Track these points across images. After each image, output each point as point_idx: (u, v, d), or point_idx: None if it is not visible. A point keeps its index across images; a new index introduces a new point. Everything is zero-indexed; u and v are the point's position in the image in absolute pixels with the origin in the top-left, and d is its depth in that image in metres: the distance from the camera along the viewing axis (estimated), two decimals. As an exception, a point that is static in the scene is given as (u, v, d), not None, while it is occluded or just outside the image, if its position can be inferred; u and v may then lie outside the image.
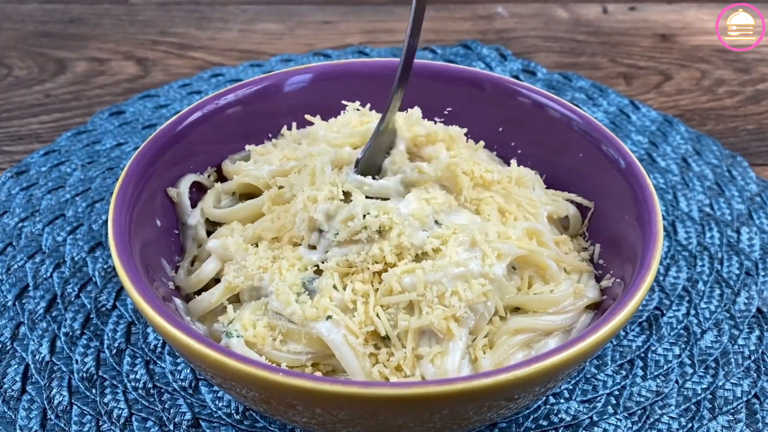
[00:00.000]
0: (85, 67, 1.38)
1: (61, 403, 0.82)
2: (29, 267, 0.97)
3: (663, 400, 0.84)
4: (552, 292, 0.77)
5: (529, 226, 0.81)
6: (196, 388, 0.84)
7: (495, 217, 0.81)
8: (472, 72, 0.97)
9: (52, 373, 0.85)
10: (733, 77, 1.39)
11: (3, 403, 0.83)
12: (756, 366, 0.87)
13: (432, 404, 0.64)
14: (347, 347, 0.71)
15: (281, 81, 0.96)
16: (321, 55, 1.40)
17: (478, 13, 1.59)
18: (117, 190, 0.78)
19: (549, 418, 0.82)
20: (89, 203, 1.07)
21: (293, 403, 0.66)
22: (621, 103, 1.29)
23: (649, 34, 1.52)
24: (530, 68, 1.37)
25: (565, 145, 0.89)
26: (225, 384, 0.68)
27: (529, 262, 0.78)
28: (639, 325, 0.92)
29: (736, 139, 1.24)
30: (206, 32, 1.50)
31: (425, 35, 1.51)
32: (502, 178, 0.83)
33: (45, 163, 1.14)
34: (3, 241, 1.01)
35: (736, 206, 1.08)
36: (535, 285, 0.79)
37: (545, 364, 0.62)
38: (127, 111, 1.24)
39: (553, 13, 1.59)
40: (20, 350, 0.88)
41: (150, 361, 0.87)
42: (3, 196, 1.08)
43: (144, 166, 0.83)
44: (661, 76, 1.39)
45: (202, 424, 0.81)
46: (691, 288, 0.96)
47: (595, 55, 1.46)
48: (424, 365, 0.72)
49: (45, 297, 0.93)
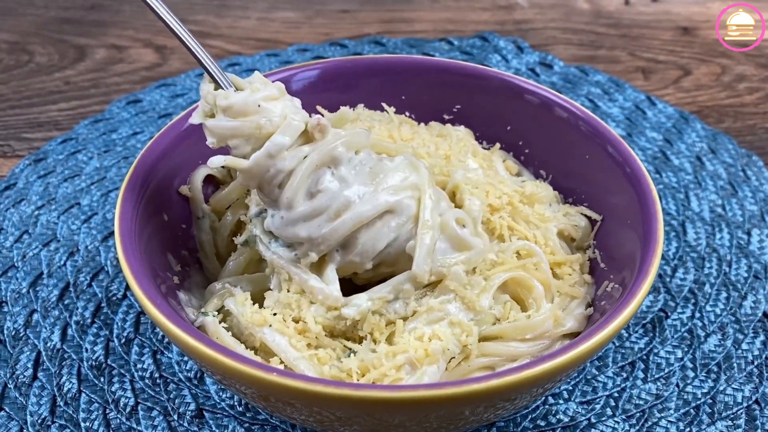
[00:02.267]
0: (104, 55, 1.40)
1: (70, 391, 0.85)
2: (44, 255, 0.99)
3: (662, 403, 0.84)
4: (529, 317, 0.77)
5: (523, 246, 0.81)
6: (201, 379, 0.86)
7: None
8: (482, 70, 0.96)
9: (63, 360, 0.88)
10: (754, 73, 1.37)
11: (15, 388, 0.85)
12: (758, 371, 0.87)
13: (426, 407, 0.65)
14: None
15: (293, 75, 0.97)
16: (338, 45, 1.40)
17: (498, 3, 1.58)
18: (125, 185, 0.79)
19: (547, 419, 0.83)
20: (104, 192, 1.09)
21: (290, 401, 0.67)
22: (637, 99, 1.28)
23: (670, 27, 1.50)
24: (547, 61, 1.36)
25: (572, 147, 0.89)
26: (225, 381, 0.70)
27: (516, 283, 0.79)
28: (643, 326, 0.92)
29: (754, 137, 1.23)
30: (225, 20, 1.51)
31: (443, 25, 1.50)
32: (512, 198, 0.83)
33: (62, 151, 1.16)
34: (20, 228, 1.03)
35: (748, 207, 1.07)
36: (511, 312, 0.78)
37: (516, 378, 0.63)
38: (144, 100, 1.26)
39: (573, 4, 1.58)
40: (33, 337, 0.90)
41: (157, 351, 0.89)
42: (21, 183, 1.10)
43: (153, 160, 0.84)
44: (681, 71, 1.38)
45: (205, 415, 0.83)
46: (697, 290, 0.96)
47: (614, 48, 1.44)
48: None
49: (58, 285, 0.96)
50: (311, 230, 0.73)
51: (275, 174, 0.73)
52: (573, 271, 0.84)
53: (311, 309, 0.74)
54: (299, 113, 0.76)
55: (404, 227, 0.75)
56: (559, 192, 0.92)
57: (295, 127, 0.74)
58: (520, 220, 0.84)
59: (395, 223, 0.74)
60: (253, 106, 0.74)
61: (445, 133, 0.94)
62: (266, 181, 0.74)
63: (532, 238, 0.83)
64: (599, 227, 0.87)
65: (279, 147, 0.73)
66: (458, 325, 0.74)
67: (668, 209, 1.07)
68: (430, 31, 1.49)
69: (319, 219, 0.73)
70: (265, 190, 0.75)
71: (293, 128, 0.74)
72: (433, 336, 0.72)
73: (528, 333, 0.76)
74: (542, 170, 0.94)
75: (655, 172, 1.13)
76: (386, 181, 0.75)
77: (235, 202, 0.88)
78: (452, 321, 0.74)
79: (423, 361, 0.71)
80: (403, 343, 0.72)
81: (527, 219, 0.84)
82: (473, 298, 0.75)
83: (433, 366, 0.71)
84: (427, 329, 0.73)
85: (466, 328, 0.74)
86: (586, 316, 0.80)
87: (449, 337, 0.73)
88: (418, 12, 1.54)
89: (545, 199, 0.88)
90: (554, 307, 0.78)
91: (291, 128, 0.74)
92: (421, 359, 0.71)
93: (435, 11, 1.55)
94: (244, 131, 0.74)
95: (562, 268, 0.83)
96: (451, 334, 0.73)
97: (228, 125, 0.74)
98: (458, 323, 0.74)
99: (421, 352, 0.71)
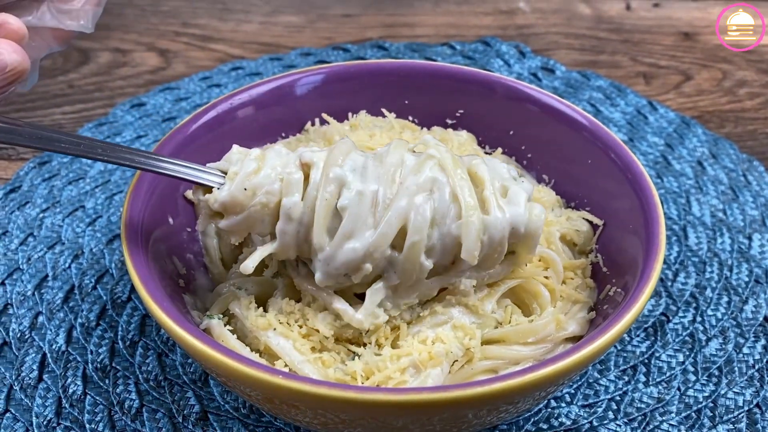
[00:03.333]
0: (108, 58, 1.40)
1: (75, 393, 0.85)
2: (49, 258, 1.00)
3: (664, 406, 0.85)
4: (531, 321, 0.78)
5: (540, 253, 0.81)
6: (205, 381, 0.86)
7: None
8: (484, 75, 0.97)
9: (68, 362, 0.88)
10: (755, 78, 1.37)
11: (20, 390, 0.86)
12: (760, 375, 0.88)
13: (429, 409, 0.65)
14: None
15: (296, 80, 0.97)
16: (340, 49, 1.41)
17: (500, 7, 1.58)
18: (131, 189, 0.80)
19: (549, 422, 0.83)
20: (108, 195, 1.09)
21: (295, 404, 0.68)
22: (639, 104, 1.29)
23: (672, 32, 1.51)
24: (549, 66, 1.37)
25: (574, 151, 0.90)
26: (230, 383, 0.70)
27: (523, 289, 0.80)
28: (644, 330, 0.92)
29: (755, 142, 1.24)
30: (228, 24, 1.51)
31: (445, 29, 1.51)
32: None
33: (67, 154, 1.16)
34: (24, 231, 1.04)
35: (749, 212, 1.08)
36: (513, 315, 0.79)
37: (519, 381, 0.64)
38: (147, 103, 1.27)
39: (575, 9, 1.58)
40: (38, 339, 0.91)
41: (162, 353, 0.89)
42: (26, 186, 1.11)
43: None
44: (682, 76, 1.38)
45: (209, 417, 0.83)
46: (698, 294, 0.96)
47: (615, 53, 1.45)
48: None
49: (63, 288, 0.96)
50: (357, 243, 0.71)
51: (302, 230, 0.73)
52: (576, 275, 0.84)
53: (319, 317, 0.74)
54: (289, 162, 0.74)
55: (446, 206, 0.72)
56: (561, 197, 0.92)
57: (296, 181, 0.73)
58: None
59: (437, 203, 0.72)
60: (242, 193, 0.72)
61: (447, 138, 0.94)
62: (302, 243, 0.73)
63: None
64: (601, 232, 0.88)
65: (293, 206, 0.72)
66: (461, 328, 0.74)
67: (669, 214, 1.07)
68: (432, 35, 1.49)
69: (359, 232, 0.71)
70: (305, 252, 0.74)
71: (294, 183, 0.73)
72: (437, 339, 0.73)
73: (530, 337, 0.76)
74: (544, 175, 0.94)
75: (657, 176, 1.14)
76: (404, 170, 0.73)
77: None
78: (455, 324, 0.75)
79: (427, 363, 0.71)
80: (407, 347, 0.72)
81: None
82: (477, 303, 0.76)
83: (437, 368, 0.71)
84: (431, 333, 0.74)
85: (468, 331, 0.74)
86: (589, 320, 0.80)
87: (452, 341, 0.73)
88: (420, 16, 1.55)
89: (548, 204, 0.89)
90: (556, 311, 0.79)
91: (293, 185, 0.73)
92: (425, 362, 0.71)
93: (437, 16, 1.55)
94: (255, 217, 0.73)
95: (565, 272, 0.84)
96: (454, 337, 0.74)
97: (238, 220, 0.73)
98: (461, 326, 0.74)
99: (425, 354, 0.71)
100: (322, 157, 0.74)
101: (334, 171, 0.72)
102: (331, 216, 0.72)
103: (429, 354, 0.72)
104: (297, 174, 0.73)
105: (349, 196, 0.71)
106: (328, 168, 0.72)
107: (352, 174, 0.73)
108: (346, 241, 0.71)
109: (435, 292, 0.77)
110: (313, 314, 0.75)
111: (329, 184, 0.72)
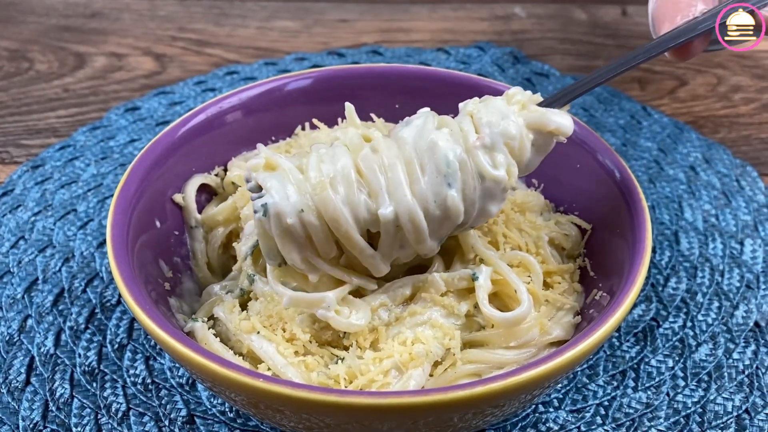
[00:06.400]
0: (103, 62, 1.41)
1: (62, 396, 0.85)
2: (39, 261, 1.00)
3: (653, 412, 0.84)
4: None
5: (514, 256, 0.81)
6: (192, 385, 0.86)
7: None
8: (475, 79, 0.97)
9: (56, 366, 0.88)
10: (750, 84, 1.37)
11: (8, 393, 0.86)
12: (749, 381, 0.87)
13: (412, 413, 0.65)
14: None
15: (285, 84, 0.97)
16: (336, 54, 1.41)
17: (496, 13, 1.58)
18: (118, 192, 0.80)
19: (537, 427, 0.83)
20: (100, 199, 1.10)
21: (279, 408, 0.67)
22: (633, 109, 1.28)
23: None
24: (543, 71, 1.37)
25: (562, 156, 0.89)
26: (214, 387, 0.70)
27: (506, 295, 0.80)
28: (634, 335, 0.92)
29: (749, 147, 1.23)
30: (224, 29, 1.52)
31: (441, 35, 1.51)
32: (504, 206, 0.84)
33: (60, 157, 1.17)
34: (16, 234, 1.04)
35: (742, 217, 1.07)
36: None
37: (501, 384, 0.64)
38: (142, 107, 1.27)
39: (571, 14, 1.58)
40: (26, 342, 0.91)
41: (150, 357, 0.89)
42: (18, 189, 1.11)
43: (147, 167, 0.85)
44: (677, 82, 1.38)
45: (196, 421, 0.83)
46: (689, 299, 0.96)
47: (611, 58, 1.45)
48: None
49: (53, 291, 0.96)
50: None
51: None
52: (563, 279, 0.84)
53: (297, 319, 0.74)
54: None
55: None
56: (550, 201, 0.92)
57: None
58: (513, 227, 0.85)
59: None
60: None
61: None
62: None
63: (524, 247, 0.84)
64: (589, 236, 0.88)
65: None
66: (440, 328, 0.74)
67: (662, 219, 1.07)
68: (428, 40, 1.50)
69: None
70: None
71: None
72: (416, 340, 0.73)
73: (512, 340, 0.76)
74: (533, 179, 0.94)
75: (649, 182, 1.14)
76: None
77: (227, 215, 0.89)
78: (434, 324, 0.75)
79: (408, 364, 0.71)
80: (388, 349, 0.72)
81: (519, 227, 0.85)
82: (453, 304, 0.76)
83: (418, 369, 0.71)
84: (410, 333, 0.74)
85: (447, 331, 0.74)
86: (574, 324, 0.80)
87: (431, 341, 0.73)
88: (416, 22, 1.55)
89: (536, 208, 0.88)
90: (540, 316, 0.78)
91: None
92: (406, 363, 0.71)
93: (433, 21, 1.56)
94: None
95: (552, 277, 0.84)
96: (433, 337, 0.74)
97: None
98: (440, 326, 0.74)
99: (405, 356, 0.71)
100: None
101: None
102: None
103: (410, 355, 0.72)
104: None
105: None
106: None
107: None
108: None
109: (409, 291, 0.77)
110: (290, 318, 0.75)
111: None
